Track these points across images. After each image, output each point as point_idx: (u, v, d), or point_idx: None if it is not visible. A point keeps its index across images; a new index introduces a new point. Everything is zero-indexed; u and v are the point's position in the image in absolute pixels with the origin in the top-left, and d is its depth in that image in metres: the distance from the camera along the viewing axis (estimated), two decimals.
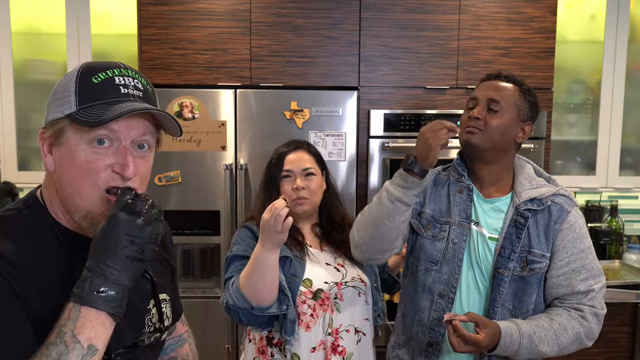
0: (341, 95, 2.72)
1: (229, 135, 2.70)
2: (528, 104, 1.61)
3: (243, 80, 2.75)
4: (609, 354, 2.73)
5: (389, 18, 2.76)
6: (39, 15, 3.11)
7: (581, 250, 1.56)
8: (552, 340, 1.51)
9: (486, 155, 1.60)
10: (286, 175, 1.81)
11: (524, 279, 1.55)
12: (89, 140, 0.95)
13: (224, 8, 2.72)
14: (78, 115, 0.95)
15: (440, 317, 1.60)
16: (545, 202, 1.58)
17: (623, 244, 3.25)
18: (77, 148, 0.96)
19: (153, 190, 2.70)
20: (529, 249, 1.56)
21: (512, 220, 1.57)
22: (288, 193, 1.78)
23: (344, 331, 1.75)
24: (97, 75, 0.98)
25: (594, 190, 3.29)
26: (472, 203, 1.62)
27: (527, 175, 1.63)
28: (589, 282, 1.55)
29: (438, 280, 1.62)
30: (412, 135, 2.74)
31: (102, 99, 0.96)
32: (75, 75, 0.98)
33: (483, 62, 2.77)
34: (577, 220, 1.58)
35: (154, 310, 1.13)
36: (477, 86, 1.67)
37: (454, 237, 1.61)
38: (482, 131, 1.56)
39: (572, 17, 3.23)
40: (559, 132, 3.27)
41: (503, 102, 1.58)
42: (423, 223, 1.67)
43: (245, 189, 2.71)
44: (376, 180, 2.75)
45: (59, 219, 1.01)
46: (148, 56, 2.72)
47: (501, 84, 1.61)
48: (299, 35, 2.75)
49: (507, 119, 1.57)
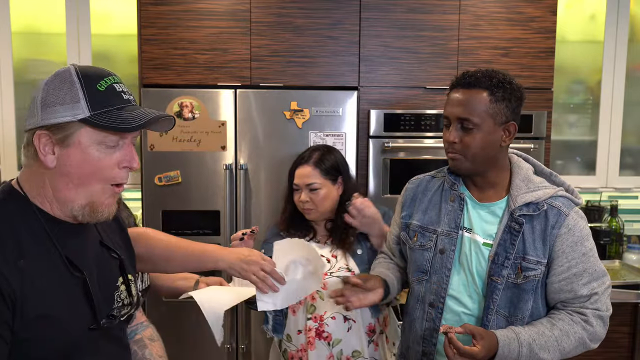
0: (341, 95, 2.72)
1: (229, 135, 2.70)
2: (504, 104, 1.50)
3: (243, 80, 2.75)
4: (609, 354, 2.73)
5: (389, 18, 2.76)
6: (39, 15, 3.11)
7: (582, 254, 1.50)
8: (554, 346, 1.47)
9: (476, 171, 1.57)
10: (295, 188, 1.97)
11: (518, 286, 1.50)
12: (99, 141, 1.09)
13: (224, 8, 2.72)
14: (97, 120, 1.06)
15: (431, 327, 1.60)
16: (541, 207, 1.51)
17: (623, 244, 3.25)
18: (90, 149, 1.08)
19: (153, 190, 2.70)
20: (524, 256, 1.50)
21: (507, 226, 1.52)
22: (297, 203, 1.96)
23: (330, 318, 1.85)
24: (99, 83, 1.09)
25: (594, 190, 3.29)
26: (463, 212, 1.59)
27: (524, 177, 1.56)
28: (592, 285, 1.50)
29: (429, 290, 1.61)
30: (412, 136, 2.74)
31: (113, 105, 1.09)
32: (75, 82, 1.07)
33: (483, 62, 2.77)
34: (576, 223, 1.51)
35: (122, 287, 1.24)
36: (447, 96, 1.58)
37: (442, 246, 1.59)
38: (464, 155, 1.52)
39: (572, 17, 3.23)
40: (559, 132, 3.27)
41: (474, 117, 1.49)
42: (410, 234, 1.68)
43: (245, 189, 2.71)
44: (376, 180, 2.75)
45: (44, 207, 1.11)
46: (148, 56, 2.72)
47: (468, 97, 1.50)
48: (299, 35, 2.75)
49: (484, 132, 1.49)
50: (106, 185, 1.12)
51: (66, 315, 1.07)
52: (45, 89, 1.08)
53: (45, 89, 1.08)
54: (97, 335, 1.13)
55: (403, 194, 1.77)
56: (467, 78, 1.53)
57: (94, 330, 1.12)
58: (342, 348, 1.86)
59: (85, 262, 1.14)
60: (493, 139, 1.51)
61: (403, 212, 1.73)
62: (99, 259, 1.19)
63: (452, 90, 1.56)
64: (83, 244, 1.16)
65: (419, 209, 1.68)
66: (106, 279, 1.19)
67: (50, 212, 1.12)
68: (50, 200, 1.11)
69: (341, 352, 1.86)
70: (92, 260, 1.17)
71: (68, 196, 1.10)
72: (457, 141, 1.52)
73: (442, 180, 1.68)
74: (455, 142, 1.52)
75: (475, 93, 1.50)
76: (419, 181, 1.75)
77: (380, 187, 2.75)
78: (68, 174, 1.09)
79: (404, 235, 1.70)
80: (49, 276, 1.07)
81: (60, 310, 1.07)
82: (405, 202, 1.74)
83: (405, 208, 1.73)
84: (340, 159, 2.01)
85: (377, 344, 1.91)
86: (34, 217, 1.09)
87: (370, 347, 1.89)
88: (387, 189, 2.74)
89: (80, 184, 1.10)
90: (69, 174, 1.09)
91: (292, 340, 1.92)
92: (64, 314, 1.07)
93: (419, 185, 1.74)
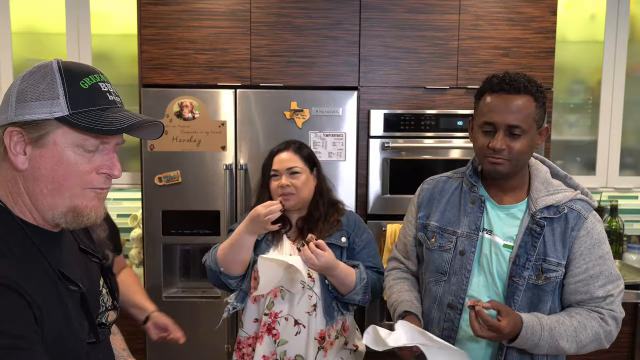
0: (341, 95, 2.71)
1: (229, 135, 2.70)
2: (543, 109, 1.53)
3: (243, 80, 2.75)
4: (609, 354, 2.72)
5: (389, 18, 2.76)
6: (39, 15, 3.11)
7: (599, 257, 1.53)
8: (572, 336, 1.49)
9: (514, 174, 1.56)
10: (274, 175, 1.97)
11: (539, 287, 1.53)
12: (77, 143, 0.99)
13: (224, 8, 2.72)
14: (75, 119, 0.96)
15: (450, 328, 1.60)
16: (562, 210, 1.54)
17: (623, 244, 3.25)
18: (66, 151, 0.98)
19: (153, 190, 2.70)
20: (544, 257, 1.52)
21: (528, 228, 1.54)
22: (275, 190, 1.95)
23: (283, 318, 1.88)
24: (83, 80, 0.99)
25: (594, 190, 3.28)
26: (483, 214, 1.59)
27: (543, 179, 1.58)
28: (607, 287, 1.53)
29: (447, 291, 1.61)
30: (412, 136, 2.74)
31: (95, 105, 0.99)
32: (57, 77, 0.98)
33: (483, 62, 2.77)
34: (594, 226, 1.54)
35: (104, 291, 1.19)
36: (486, 99, 1.52)
37: (462, 248, 1.59)
38: (509, 160, 1.50)
39: (572, 17, 3.23)
40: (559, 132, 3.27)
41: (524, 124, 1.48)
42: (428, 235, 1.67)
43: (245, 189, 2.71)
44: (376, 180, 2.75)
45: (25, 217, 1.02)
46: (148, 56, 2.72)
47: (517, 103, 1.47)
48: (299, 35, 2.74)
49: (529, 138, 1.50)
50: (86, 189, 1.01)
51: (67, 332, 1.00)
52: (23, 83, 0.98)
53: (23, 83, 0.98)
54: (92, 347, 1.08)
55: (419, 194, 1.75)
56: (513, 83, 1.48)
57: (92, 344, 1.06)
58: (286, 349, 1.88)
59: (77, 273, 1.07)
60: (534, 143, 1.53)
61: (420, 212, 1.72)
62: (83, 266, 1.13)
63: (492, 95, 1.51)
64: (67, 252, 1.09)
65: (437, 209, 1.67)
66: (92, 286, 1.13)
67: (33, 222, 1.02)
68: (30, 208, 1.01)
69: (285, 353, 1.88)
70: (79, 268, 1.11)
71: (45, 203, 1.00)
72: (505, 147, 1.49)
73: (459, 181, 1.68)
74: (503, 148, 1.49)
75: (523, 99, 1.48)
76: (435, 182, 1.74)
77: (380, 187, 2.75)
78: (40, 178, 0.98)
79: (422, 235, 1.70)
80: (50, 294, 0.98)
81: (64, 328, 0.99)
82: (422, 203, 1.73)
83: (423, 209, 1.72)
84: (313, 154, 2.06)
85: (326, 350, 1.90)
86: (19, 229, 0.99)
87: (319, 354, 1.89)
88: (387, 189, 2.74)
89: (55, 190, 0.99)
90: (42, 178, 0.98)
91: (243, 327, 1.96)
92: (65, 332, 0.99)
93: (435, 185, 1.73)
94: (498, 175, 1.55)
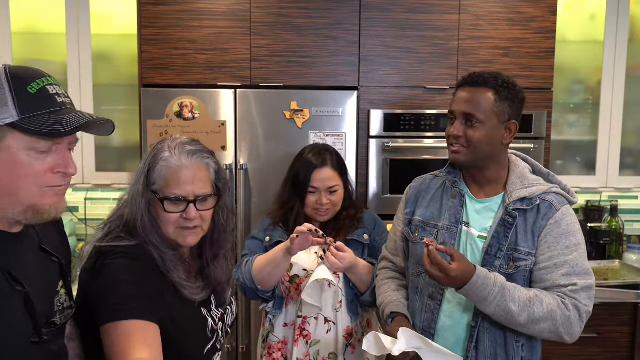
0: (341, 95, 2.72)
1: (229, 135, 2.70)
2: (508, 104, 1.59)
3: (243, 80, 2.75)
4: (609, 354, 2.73)
5: (389, 18, 2.76)
6: (39, 15, 3.10)
7: (566, 247, 1.55)
8: (524, 304, 1.49)
9: (476, 164, 1.63)
10: (312, 191, 1.95)
11: (510, 275, 1.56)
12: (29, 146, 1.02)
13: (224, 8, 2.72)
14: (25, 124, 1.00)
15: (430, 319, 1.65)
16: (534, 202, 1.59)
17: (623, 244, 3.25)
18: (19, 154, 1.02)
19: None
20: (516, 247, 1.57)
21: (501, 219, 1.59)
22: (311, 204, 1.95)
23: (312, 318, 1.91)
24: (30, 85, 1.03)
25: (594, 190, 3.28)
26: (463, 207, 1.65)
27: (520, 174, 1.64)
28: (572, 278, 1.53)
29: (428, 282, 1.65)
30: (412, 136, 2.74)
31: (44, 109, 1.03)
32: (4, 84, 1.01)
33: (483, 62, 2.77)
34: (564, 217, 1.57)
35: (62, 292, 1.20)
36: (453, 94, 1.65)
37: (442, 240, 1.64)
38: (466, 147, 1.59)
39: (572, 17, 3.23)
40: (559, 132, 3.27)
41: (479, 113, 1.56)
42: (412, 229, 1.74)
43: (245, 189, 2.71)
44: (376, 180, 2.75)
45: None
46: (148, 56, 2.72)
47: (475, 94, 1.58)
48: (299, 35, 2.74)
49: (488, 129, 1.57)
50: (44, 188, 1.05)
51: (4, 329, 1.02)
52: None
53: None
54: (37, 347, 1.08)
55: (407, 193, 1.84)
56: (475, 77, 1.61)
57: (36, 344, 1.07)
58: (319, 349, 1.90)
59: (28, 273, 1.09)
60: (495, 135, 1.59)
61: (407, 209, 1.80)
62: (38, 266, 1.15)
63: (459, 89, 1.64)
64: (23, 252, 1.11)
65: (422, 205, 1.75)
66: (47, 286, 1.15)
67: None
68: None
69: (318, 353, 1.91)
70: (32, 269, 1.12)
71: (3, 203, 1.04)
72: (461, 134, 1.58)
73: (444, 179, 1.75)
74: (459, 135, 1.58)
75: (482, 91, 1.58)
76: (422, 180, 1.83)
77: (380, 187, 2.75)
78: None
79: (407, 230, 1.76)
80: None
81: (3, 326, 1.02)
82: (409, 200, 1.81)
83: (409, 205, 1.79)
84: (344, 163, 2.07)
85: (354, 347, 1.93)
86: None
87: (347, 351, 1.92)
88: (387, 189, 2.74)
89: (10, 192, 1.03)
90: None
91: (274, 331, 1.97)
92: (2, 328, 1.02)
93: (422, 183, 1.81)
94: (458, 163, 1.63)
